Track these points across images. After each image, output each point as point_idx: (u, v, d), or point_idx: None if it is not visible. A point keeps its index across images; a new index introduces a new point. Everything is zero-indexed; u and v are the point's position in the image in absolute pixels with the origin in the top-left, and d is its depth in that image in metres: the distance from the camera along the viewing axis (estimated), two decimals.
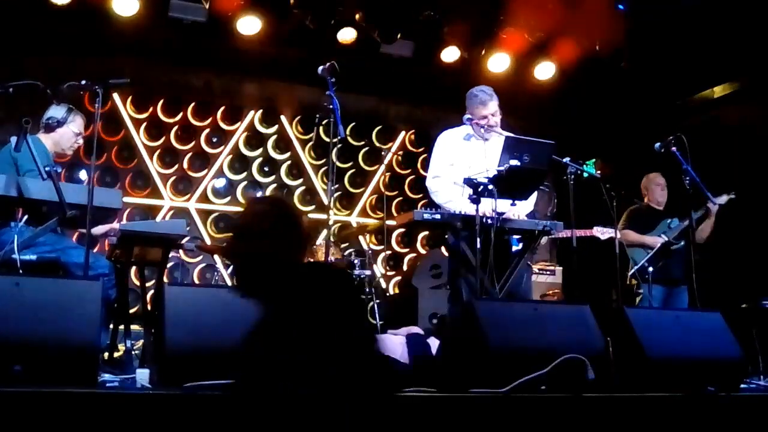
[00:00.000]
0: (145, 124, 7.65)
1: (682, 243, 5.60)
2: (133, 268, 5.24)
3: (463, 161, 4.56)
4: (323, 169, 8.32)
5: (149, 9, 6.57)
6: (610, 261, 5.14)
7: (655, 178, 6.04)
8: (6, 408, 2.14)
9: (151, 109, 7.66)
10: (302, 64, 6.68)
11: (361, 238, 8.33)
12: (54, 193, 3.47)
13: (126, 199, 7.23)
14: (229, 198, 7.97)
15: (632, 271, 5.72)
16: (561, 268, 7.57)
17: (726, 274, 6.33)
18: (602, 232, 5.60)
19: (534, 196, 4.72)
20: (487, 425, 2.70)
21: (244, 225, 2.37)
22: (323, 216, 7.98)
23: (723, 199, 5.62)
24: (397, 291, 8.36)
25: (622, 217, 5.96)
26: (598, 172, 4.84)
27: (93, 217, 3.47)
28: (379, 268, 8.21)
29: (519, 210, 4.52)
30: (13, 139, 3.60)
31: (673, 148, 4.82)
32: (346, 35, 7.06)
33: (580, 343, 3.21)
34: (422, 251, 8.59)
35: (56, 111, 4.31)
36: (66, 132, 4.33)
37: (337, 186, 8.18)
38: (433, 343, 4.29)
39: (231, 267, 6.90)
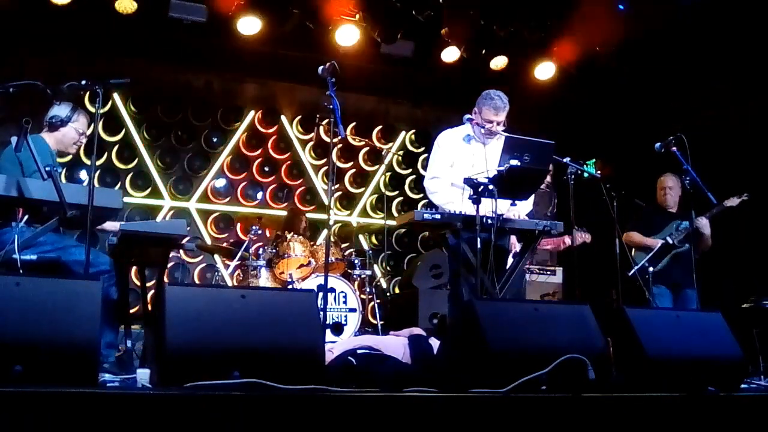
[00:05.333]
0: (145, 124, 7.66)
1: (687, 246, 5.54)
2: (134, 268, 5.25)
3: (463, 163, 4.54)
4: (323, 169, 8.32)
5: (149, 9, 6.57)
6: (610, 261, 5.13)
7: (666, 180, 5.92)
8: (6, 408, 2.14)
9: (151, 109, 7.67)
10: (302, 64, 6.70)
11: (361, 237, 8.34)
12: (54, 193, 3.47)
13: (126, 199, 7.24)
14: (229, 198, 7.97)
15: (632, 271, 5.71)
16: (561, 268, 7.58)
17: (726, 275, 6.32)
18: (576, 237, 5.00)
19: (532, 195, 4.72)
20: (487, 425, 2.70)
21: None
22: (323, 216, 8.00)
23: (734, 201, 5.58)
24: (397, 291, 8.36)
25: (630, 219, 5.94)
26: (598, 172, 4.84)
27: (93, 217, 3.47)
28: (379, 268, 8.21)
29: (519, 210, 4.52)
30: (14, 140, 3.60)
31: (674, 148, 4.81)
32: (347, 35, 7.06)
33: (580, 343, 3.20)
34: (422, 251, 8.59)
35: (60, 110, 4.31)
36: (69, 131, 4.33)
37: (337, 186, 8.23)
38: (435, 343, 4.29)
39: (231, 267, 6.92)
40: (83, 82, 3.74)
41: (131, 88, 7.38)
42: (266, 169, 8.14)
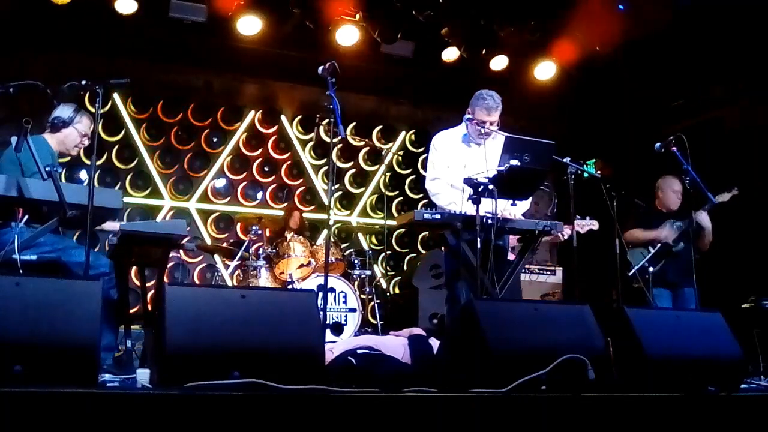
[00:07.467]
0: (145, 124, 7.66)
1: (682, 245, 5.54)
2: (134, 268, 5.25)
3: (460, 163, 4.54)
4: (323, 169, 8.33)
5: (149, 9, 6.57)
6: (610, 261, 5.13)
7: (673, 183, 5.77)
8: (6, 408, 2.14)
9: (151, 109, 7.67)
10: (302, 64, 6.70)
11: (361, 237, 8.34)
12: (54, 193, 3.46)
13: (126, 199, 7.24)
14: (229, 198, 7.97)
15: (632, 271, 5.70)
16: (561, 268, 7.57)
17: (726, 274, 6.32)
18: (581, 226, 5.08)
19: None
20: (487, 425, 2.70)
21: None
22: (323, 216, 8.00)
23: (726, 196, 5.58)
24: (397, 291, 8.36)
25: (629, 218, 5.93)
26: (598, 172, 4.83)
27: (93, 217, 3.47)
28: (379, 268, 8.21)
29: (515, 209, 4.52)
30: (14, 140, 3.60)
31: (674, 148, 4.81)
32: (347, 35, 7.05)
33: (580, 343, 3.20)
34: (422, 251, 8.59)
35: (63, 111, 4.31)
36: (71, 132, 4.33)
37: (337, 186, 8.22)
38: (435, 343, 4.29)
39: (231, 267, 6.92)
40: (83, 82, 3.73)
41: (131, 88, 7.37)
42: (266, 169, 8.14)
